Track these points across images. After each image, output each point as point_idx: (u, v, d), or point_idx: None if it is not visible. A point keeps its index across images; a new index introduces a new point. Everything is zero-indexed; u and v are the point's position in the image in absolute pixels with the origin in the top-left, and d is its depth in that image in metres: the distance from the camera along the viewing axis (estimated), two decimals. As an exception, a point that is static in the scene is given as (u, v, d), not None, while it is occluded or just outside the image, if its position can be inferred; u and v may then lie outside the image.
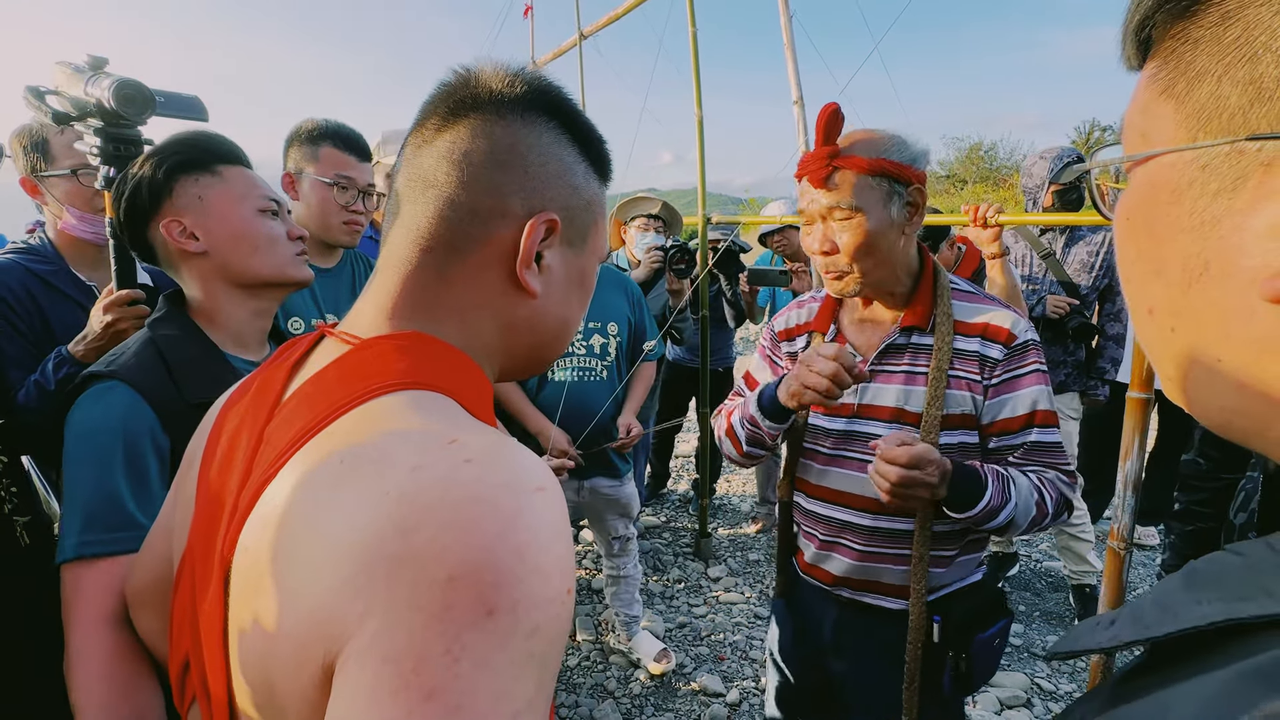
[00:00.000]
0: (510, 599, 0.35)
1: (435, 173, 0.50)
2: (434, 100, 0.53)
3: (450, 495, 0.37)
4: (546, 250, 0.53)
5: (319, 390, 0.47)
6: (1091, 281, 2.50)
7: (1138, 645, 0.30)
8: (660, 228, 2.95)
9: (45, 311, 1.35)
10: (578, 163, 0.55)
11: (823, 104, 1.06)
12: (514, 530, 0.36)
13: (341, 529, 0.37)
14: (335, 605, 0.35)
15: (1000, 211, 1.97)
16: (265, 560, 0.40)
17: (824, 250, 1.12)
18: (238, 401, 0.56)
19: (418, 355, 0.48)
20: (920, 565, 1.12)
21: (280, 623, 0.38)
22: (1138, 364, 1.52)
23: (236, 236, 0.97)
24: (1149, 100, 0.32)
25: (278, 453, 0.45)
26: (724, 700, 2.24)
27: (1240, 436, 0.32)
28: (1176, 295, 0.31)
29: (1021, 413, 1.12)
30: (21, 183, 1.40)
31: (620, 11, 3.25)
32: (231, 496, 0.47)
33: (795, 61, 2.41)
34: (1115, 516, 1.56)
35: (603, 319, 2.14)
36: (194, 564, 0.50)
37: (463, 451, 0.39)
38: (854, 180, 1.07)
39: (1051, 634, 2.56)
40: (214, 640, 0.45)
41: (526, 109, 0.52)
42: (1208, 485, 1.30)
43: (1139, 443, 1.52)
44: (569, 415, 2.04)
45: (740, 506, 3.83)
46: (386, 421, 0.43)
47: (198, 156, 0.97)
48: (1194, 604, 0.28)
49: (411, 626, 0.33)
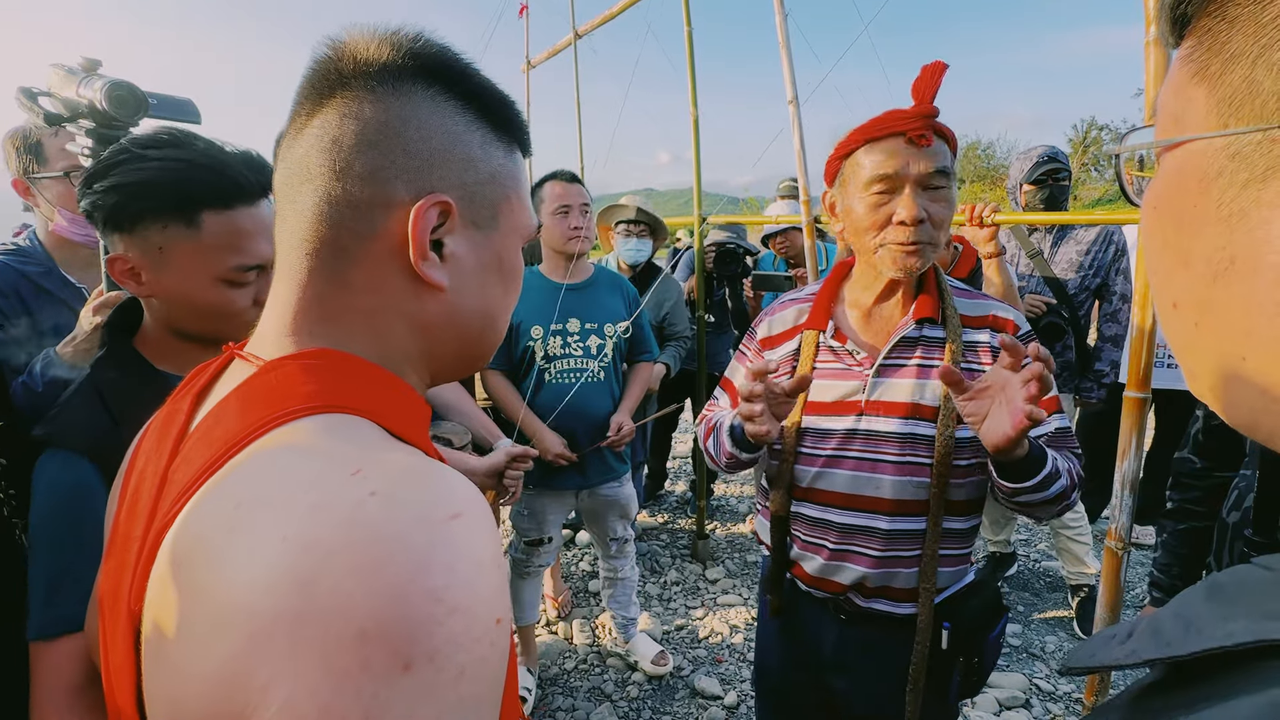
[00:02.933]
0: (428, 649, 0.32)
1: (307, 165, 0.45)
2: (305, 80, 0.47)
3: (353, 537, 0.33)
4: (446, 236, 0.47)
5: (219, 422, 0.43)
6: (1080, 280, 2.49)
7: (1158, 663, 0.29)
8: (644, 232, 2.92)
9: (35, 313, 1.34)
10: (471, 131, 0.48)
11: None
12: (427, 571, 0.33)
13: (237, 584, 0.33)
14: (236, 674, 0.32)
15: (997, 210, 1.97)
16: (166, 620, 0.36)
17: (919, 219, 1.02)
18: (147, 438, 0.51)
19: (326, 374, 0.44)
20: (930, 564, 1.08)
21: (184, 690, 0.34)
22: (1134, 363, 1.51)
23: (185, 302, 0.86)
24: (1181, 82, 0.31)
25: (177, 494, 0.40)
26: (721, 703, 2.23)
27: (1266, 436, 0.30)
28: (1201, 289, 0.30)
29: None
30: (14, 184, 1.40)
31: (615, 10, 3.24)
32: (136, 544, 0.42)
33: (790, 60, 2.40)
34: (1113, 517, 1.55)
35: (599, 320, 2.13)
36: (104, 617, 0.45)
37: (366, 484, 0.35)
38: (945, 149, 1.04)
39: (1050, 635, 2.56)
40: (127, 701, 0.41)
41: (400, 78, 0.45)
42: (1200, 483, 1.29)
43: (1136, 443, 1.51)
44: (566, 416, 2.03)
45: (738, 508, 3.82)
46: (286, 454, 0.39)
47: (176, 204, 0.82)
48: (1220, 620, 0.26)
49: (321, 693, 0.30)
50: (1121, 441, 1.52)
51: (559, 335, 2.07)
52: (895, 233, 1.04)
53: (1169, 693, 0.29)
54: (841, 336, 1.17)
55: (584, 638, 2.61)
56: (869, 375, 1.12)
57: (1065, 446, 1.12)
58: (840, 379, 1.15)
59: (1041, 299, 2.46)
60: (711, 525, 3.55)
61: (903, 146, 1.02)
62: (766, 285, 3.03)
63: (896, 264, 1.07)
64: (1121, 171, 0.40)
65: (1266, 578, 0.27)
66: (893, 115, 1.03)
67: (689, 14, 2.86)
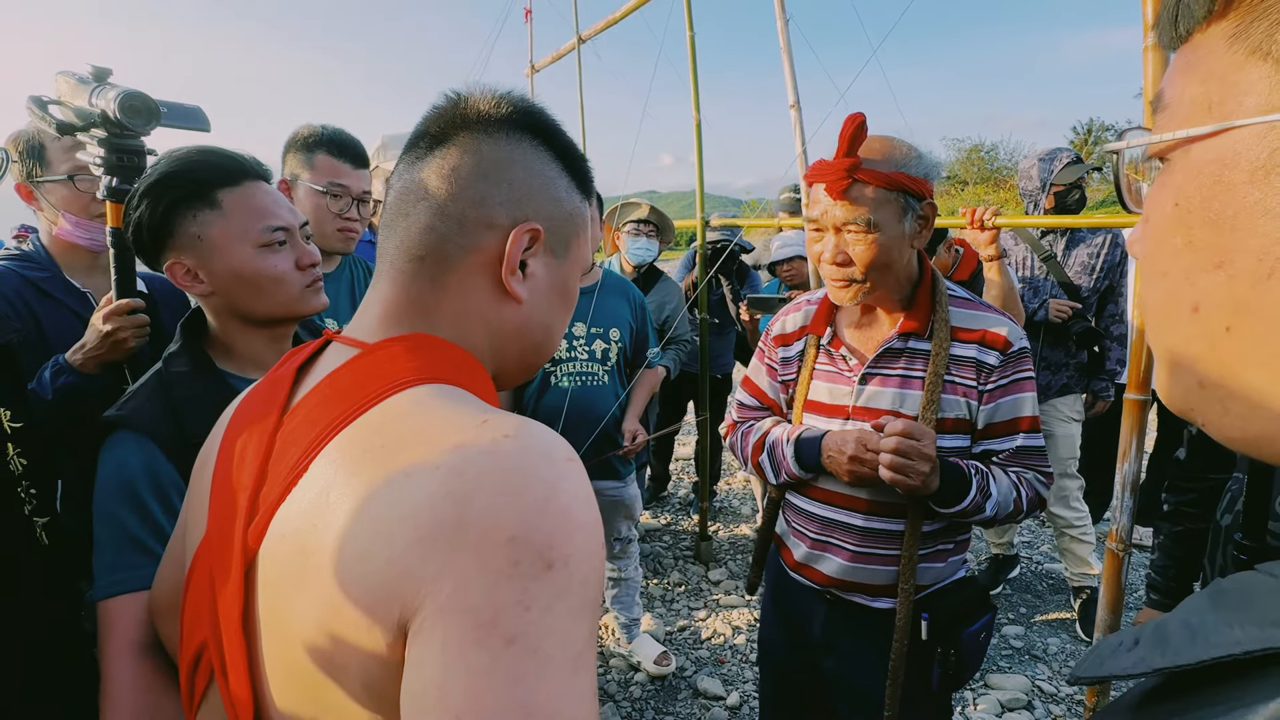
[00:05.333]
0: (563, 554, 0.39)
1: (425, 187, 0.54)
2: (426, 121, 0.56)
3: (497, 466, 0.41)
4: (531, 259, 0.56)
5: (337, 391, 0.50)
6: (1093, 284, 2.49)
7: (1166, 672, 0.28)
8: (652, 232, 2.96)
9: (40, 318, 1.34)
10: (559, 177, 0.58)
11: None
12: (557, 494, 0.40)
13: (397, 503, 0.40)
14: (404, 570, 0.38)
15: (997, 214, 1.98)
16: (315, 540, 0.43)
17: (837, 261, 1.11)
18: (247, 406, 0.58)
19: (428, 354, 0.51)
20: (909, 565, 1.14)
21: (343, 592, 0.41)
22: (1135, 365, 1.52)
23: (239, 279, 0.95)
24: (1228, 64, 0.28)
25: (304, 449, 0.47)
26: (724, 704, 2.24)
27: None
28: (1243, 290, 0.28)
29: (1012, 417, 1.15)
30: (17, 188, 1.39)
31: (618, 15, 3.26)
32: (245, 493, 0.50)
33: (792, 64, 2.41)
34: (1114, 518, 1.56)
35: (604, 324, 2.14)
36: (210, 558, 0.52)
37: (498, 428, 0.43)
38: (872, 194, 1.06)
39: (1052, 636, 2.56)
40: (233, 626, 0.48)
41: (512, 128, 0.55)
42: (1195, 486, 1.30)
43: (1136, 444, 1.52)
44: (571, 420, 2.04)
45: (741, 509, 3.83)
46: (415, 410, 0.46)
47: (194, 189, 0.93)
48: (1225, 627, 0.26)
49: (485, 583, 0.37)
50: (1122, 443, 1.53)
51: (564, 339, 2.08)
52: (825, 268, 1.15)
53: (1171, 700, 0.29)
54: (837, 342, 1.24)
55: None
56: (856, 382, 1.20)
57: (1030, 466, 1.18)
58: (834, 382, 1.23)
59: (1067, 304, 2.46)
60: (714, 527, 3.55)
61: (823, 195, 1.10)
62: (763, 308, 3.06)
63: (833, 295, 1.18)
64: (1121, 173, 0.37)
65: (1271, 585, 0.26)
66: (818, 165, 1.11)
67: (691, 18, 2.88)
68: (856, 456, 1.10)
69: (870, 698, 1.20)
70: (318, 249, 1.05)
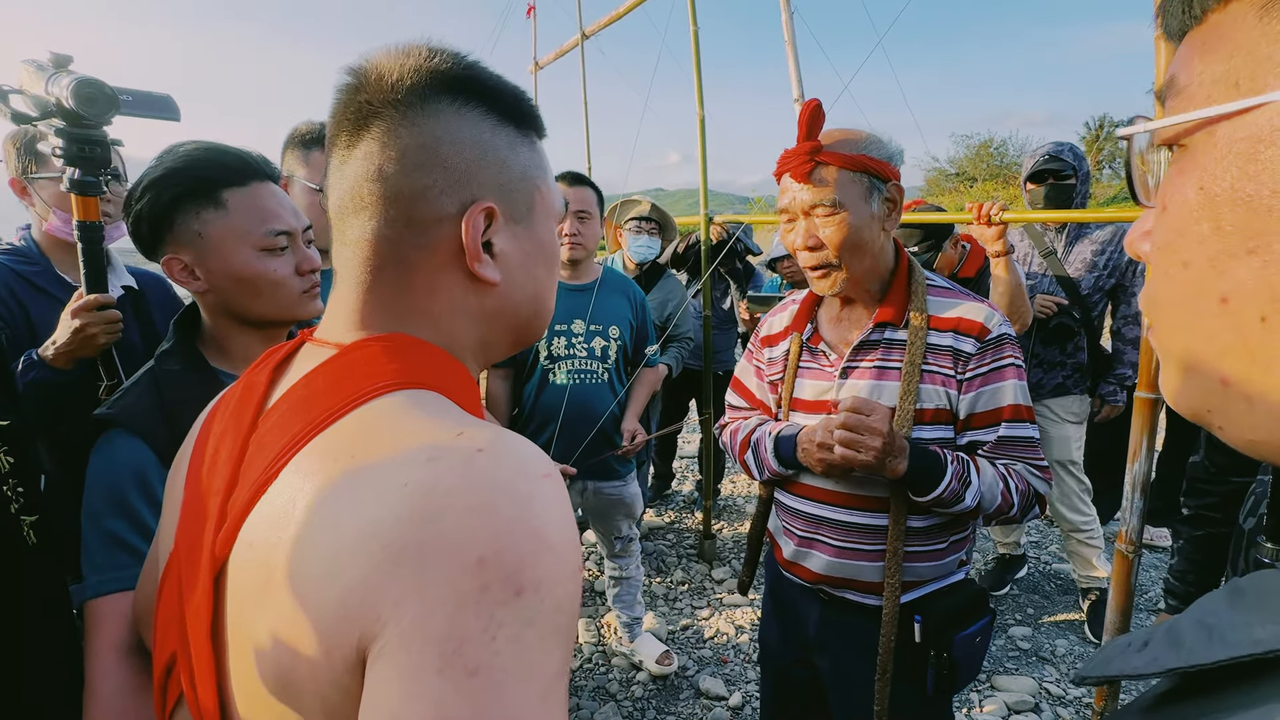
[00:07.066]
0: (534, 578, 0.37)
1: (360, 194, 0.50)
2: (336, 111, 0.51)
3: (469, 482, 0.39)
4: (494, 237, 0.52)
5: (312, 394, 0.48)
6: (1095, 281, 2.42)
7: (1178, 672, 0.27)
8: (654, 230, 2.96)
9: (30, 312, 1.35)
10: (496, 134, 0.52)
11: (825, 102, 1.09)
12: (530, 514, 0.39)
13: (363, 520, 0.39)
14: (366, 592, 0.37)
15: (1004, 209, 1.95)
16: (280, 554, 0.42)
17: (809, 245, 1.12)
18: (222, 408, 0.56)
19: (407, 357, 0.49)
20: (894, 559, 1.13)
21: (303, 611, 0.39)
22: (1145, 364, 1.49)
23: (236, 279, 0.94)
24: (1259, 37, 0.27)
25: (274, 455, 0.45)
26: (726, 704, 2.22)
27: None
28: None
29: (993, 407, 1.13)
30: (10, 183, 1.41)
31: (622, 11, 3.24)
32: (217, 498, 0.48)
33: (796, 59, 2.39)
34: (1123, 519, 1.53)
35: (604, 322, 2.12)
36: (179, 565, 0.51)
37: (472, 442, 0.41)
38: (836, 176, 1.09)
39: (1060, 638, 2.53)
40: (200, 636, 0.46)
41: (425, 98, 0.49)
42: (1216, 489, 1.27)
43: (1147, 444, 1.49)
44: (570, 418, 2.03)
45: (745, 507, 3.81)
46: (391, 419, 0.44)
47: (200, 186, 0.92)
48: (1245, 626, 0.25)
49: (449, 610, 0.35)
50: (1132, 443, 1.50)
51: (563, 336, 2.07)
52: (801, 256, 1.16)
53: (1186, 702, 0.28)
54: (817, 338, 1.25)
55: (589, 637, 2.61)
56: (837, 376, 1.19)
57: (1019, 456, 1.15)
58: (817, 379, 1.23)
59: (1053, 299, 2.42)
60: (718, 525, 3.53)
61: (790, 182, 1.12)
62: (763, 307, 3.05)
63: (813, 285, 1.19)
64: (1132, 161, 0.35)
65: None
66: (783, 155, 1.13)
67: (695, 14, 2.86)
68: (822, 443, 1.10)
69: (863, 696, 1.19)
70: (319, 252, 1.03)
